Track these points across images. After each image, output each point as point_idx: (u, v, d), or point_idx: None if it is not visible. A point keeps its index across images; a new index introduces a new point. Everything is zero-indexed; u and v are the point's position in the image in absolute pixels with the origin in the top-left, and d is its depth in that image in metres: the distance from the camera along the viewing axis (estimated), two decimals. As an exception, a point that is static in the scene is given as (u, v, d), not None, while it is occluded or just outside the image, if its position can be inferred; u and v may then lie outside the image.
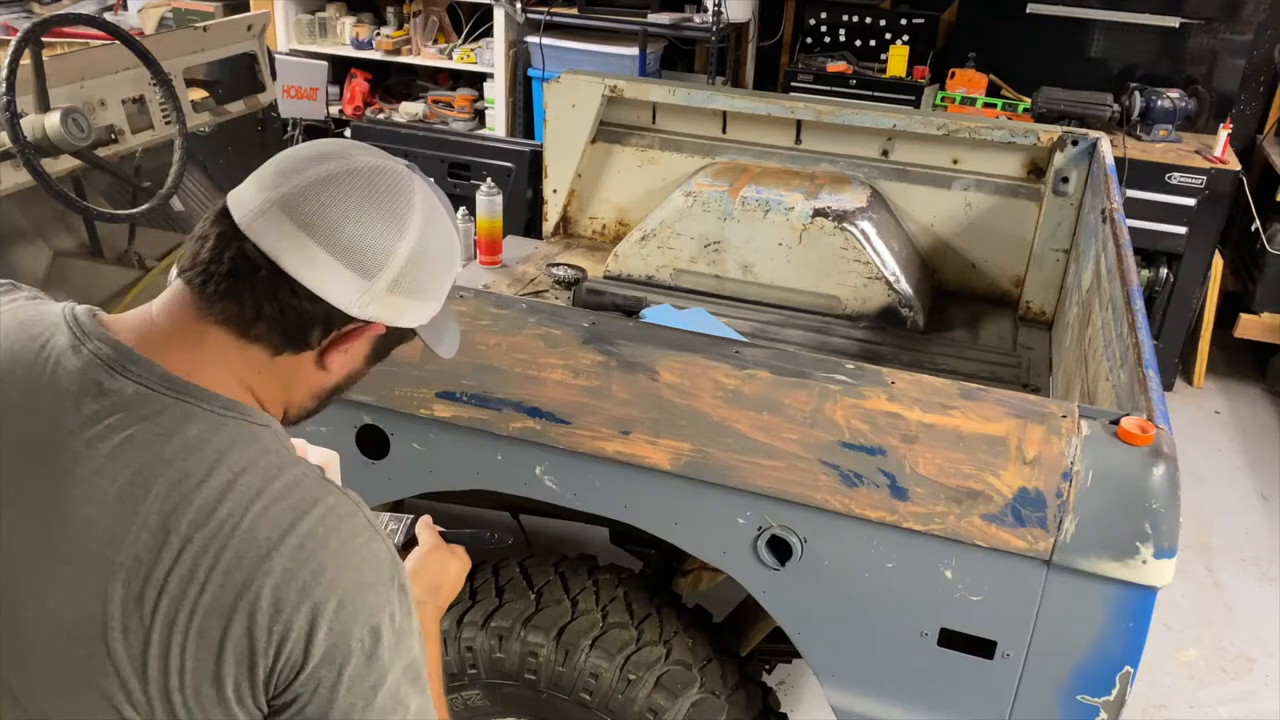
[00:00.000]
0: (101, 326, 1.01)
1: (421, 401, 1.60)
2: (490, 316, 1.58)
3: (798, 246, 2.76)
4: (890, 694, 1.52)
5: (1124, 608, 1.33)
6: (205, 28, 3.21)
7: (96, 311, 1.04)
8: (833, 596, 1.48)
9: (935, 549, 1.39)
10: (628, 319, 2.43)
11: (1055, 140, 2.75)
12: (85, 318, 1.02)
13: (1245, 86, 4.60)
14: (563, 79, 3.13)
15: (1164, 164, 4.05)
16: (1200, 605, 3.23)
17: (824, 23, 4.90)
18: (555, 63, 4.74)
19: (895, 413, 1.39)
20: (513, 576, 1.84)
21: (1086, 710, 1.40)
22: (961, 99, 4.48)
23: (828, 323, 2.77)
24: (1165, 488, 1.27)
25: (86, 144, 2.44)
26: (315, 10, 5.43)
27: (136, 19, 5.40)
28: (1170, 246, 4.15)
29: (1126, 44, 4.51)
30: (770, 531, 1.48)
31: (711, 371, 1.47)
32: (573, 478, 1.58)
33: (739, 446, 1.44)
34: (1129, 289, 1.72)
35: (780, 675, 2.73)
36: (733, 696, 1.75)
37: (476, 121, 5.32)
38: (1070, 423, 1.34)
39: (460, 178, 3.69)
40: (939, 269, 3.03)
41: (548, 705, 1.74)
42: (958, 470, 1.35)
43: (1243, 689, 2.92)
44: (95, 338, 0.99)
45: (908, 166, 2.97)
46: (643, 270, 2.94)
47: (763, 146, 3.08)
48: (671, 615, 1.81)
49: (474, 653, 1.75)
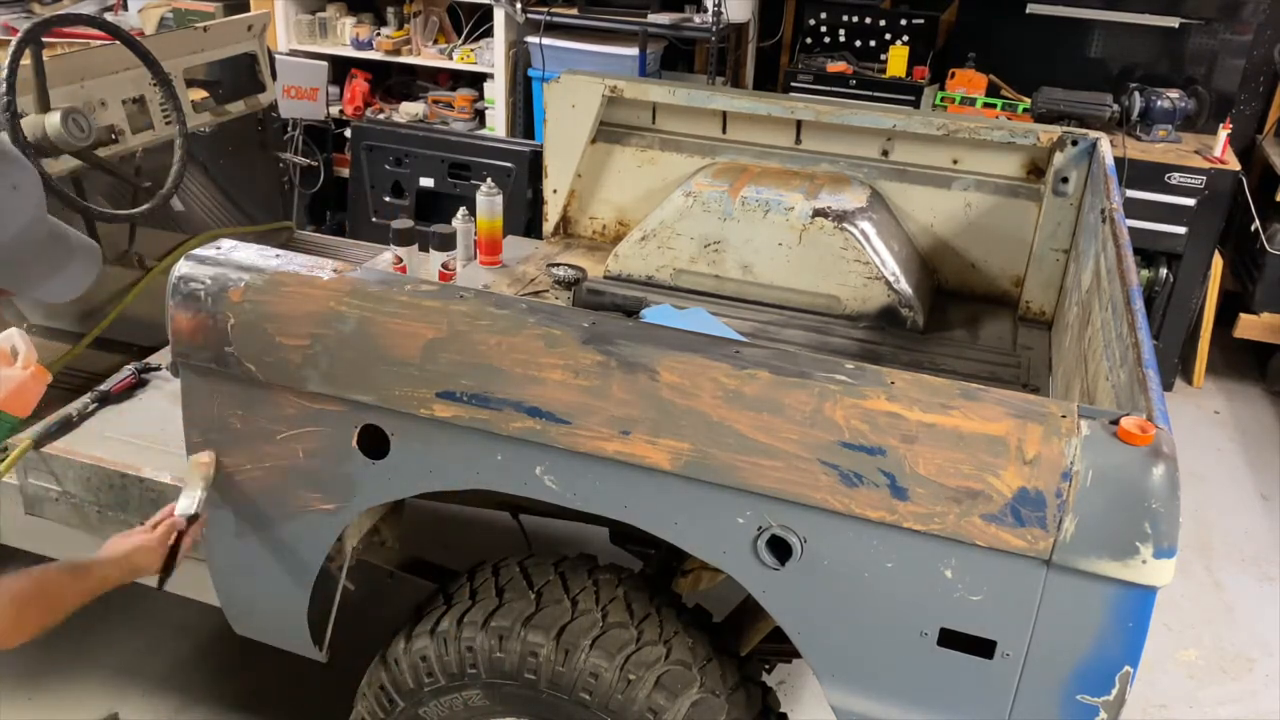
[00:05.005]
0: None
1: (421, 401, 1.60)
2: (490, 316, 1.58)
3: (798, 246, 2.76)
4: (890, 694, 1.52)
5: (1124, 608, 1.33)
6: (205, 28, 3.20)
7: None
8: (832, 596, 1.49)
9: (935, 549, 1.39)
10: (628, 319, 2.43)
11: (1055, 140, 2.75)
12: None
13: (1245, 86, 4.60)
14: (563, 79, 3.13)
15: (1164, 164, 4.05)
16: (1200, 605, 3.23)
17: (824, 23, 4.90)
18: (555, 63, 4.74)
19: (895, 413, 1.39)
20: (513, 576, 1.85)
21: (1086, 710, 1.40)
22: (961, 99, 4.49)
23: (828, 323, 2.77)
24: (1165, 488, 1.27)
25: (87, 144, 2.44)
26: (315, 10, 5.43)
27: (137, 19, 5.40)
28: (1170, 246, 4.15)
29: (1126, 44, 4.52)
30: (770, 531, 1.48)
31: (711, 371, 1.47)
32: (573, 478, 1.58)
33: (739, 446, 1.44)
34: (1129, 289, 1.72)
35: (780, 675, 2.73)
36: (733, 696, 1.75)
37: (476, 122, 5.32)
38: (1070, 423, 1.34)
39: (460, 178, 3.70)
40: (939, 269, 3.03)
41: (548, 705, 1.74)
42: (957, 470, 1.35)
43: (1243, 689, 2.92)
44: None
45: (907, 166, 2.97)
46: (643, 270, 2.94)
47: (763, 146, 3.08)
48: (671, 615, 1.81)
49: (474, 653, 1.75)
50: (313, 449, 1.72)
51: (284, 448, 1.75)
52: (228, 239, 1.79)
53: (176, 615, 2.88)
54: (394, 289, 1.64)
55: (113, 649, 2.79)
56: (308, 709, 2.60)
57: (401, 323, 1.60)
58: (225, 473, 1.81)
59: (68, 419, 2.33)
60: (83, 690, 2.66)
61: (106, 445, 2.27)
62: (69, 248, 1.56)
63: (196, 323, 1.71)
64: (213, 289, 1.69)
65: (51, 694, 2.65)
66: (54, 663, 2.73)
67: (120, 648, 2.80)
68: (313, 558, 1.83)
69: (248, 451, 1.78)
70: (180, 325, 1.73)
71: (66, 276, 1.53)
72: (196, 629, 2.86)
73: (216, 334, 1.70)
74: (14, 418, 1.71)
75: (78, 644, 2.79)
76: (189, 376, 1.78)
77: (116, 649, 2.79)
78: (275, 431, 1.74)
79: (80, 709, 2.60)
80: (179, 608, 2.33)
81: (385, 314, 1.61)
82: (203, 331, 1.71)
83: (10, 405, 1.69)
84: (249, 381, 1.71)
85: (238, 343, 1.69)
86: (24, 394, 1.71)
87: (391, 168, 3.81)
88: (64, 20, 2.66)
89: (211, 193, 3.40)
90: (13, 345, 1.74)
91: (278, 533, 1.83)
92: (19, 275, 1.46)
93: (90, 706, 2.60)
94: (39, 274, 1.50)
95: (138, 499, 2.15)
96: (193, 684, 2.71)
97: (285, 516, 1.81)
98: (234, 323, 1.68)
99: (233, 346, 1.69)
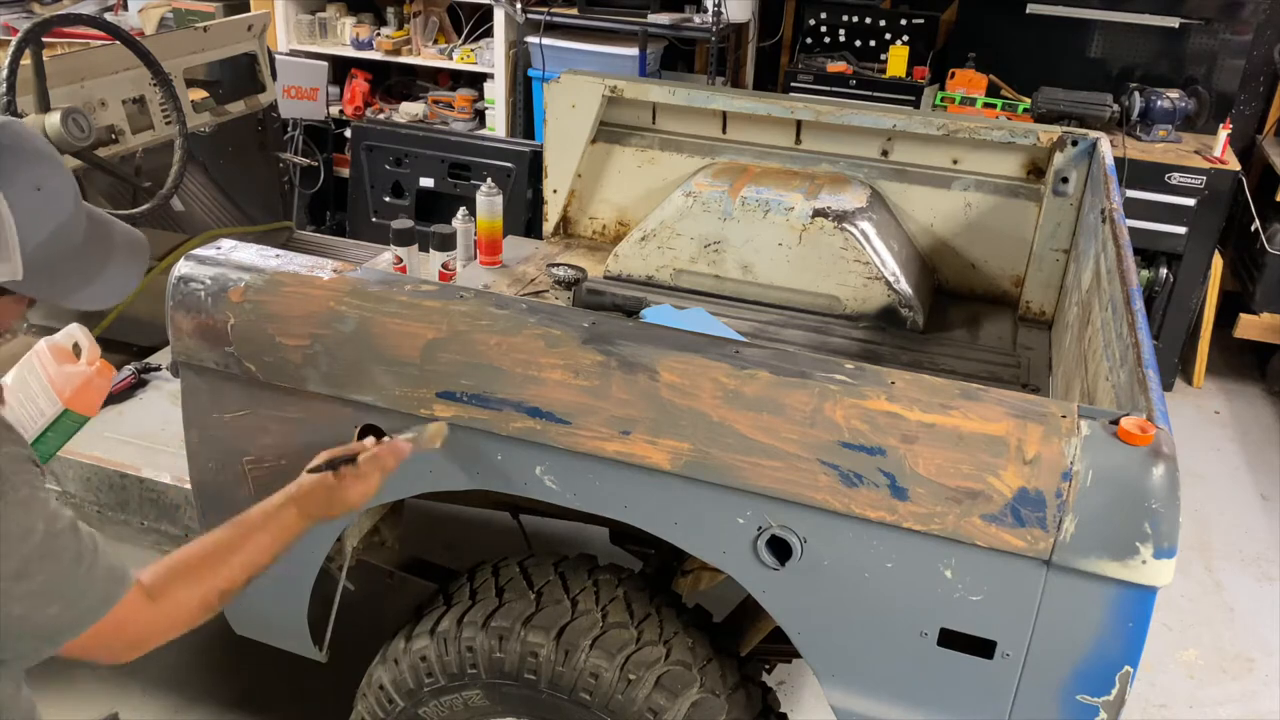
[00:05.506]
0: None
1: (421, 401, 1.60)
2: (490, 316, 1.58)
3: (798, 246, 2.76)
4: (890, 694, 1.52)
5: (1124, 608, 1.33)
6: (205, 28, 3.21)
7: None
8: (832, 596, 1.49)
9: (935, 549, 1.39)
10: (628, 319, 2.43)
11: (1055, 140, 2.75)
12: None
13: (1245, 86, 4.60)
14: (563, 79, 3.13)
15: (1164, 164, 4.05)
16: (1200, 605, 3.23)
17: (824, 23, 4.90)
18: (555, 63, 4.74)
19: (895, 413, 1.39)
20: (513, 576, 1.85)
21: (1086, 710, 1.40)
22: (961, 99, 4.49)
23: (828, 323, 2.77)
24: (1165, 487, 1.27)
25: (87, 144, 2.44)
26: (315, 10, 5.43)
27: (137, 19, 5.40)
28: (1170, 246, 4.15)
29: (1126, 44, 4.52)
30: (770, 531, 1.48)
31: (711, 371, 1.47)
32: (573, 478, 1.58)
33: (739, 446, 1.44)
34: (1129, 289, 1.72)
35: (780, 675, 2.73)
36: (733, 696, 1.75)
37: (477, 122, 5.32)
38: (1070, 423, 1.34)
39: (460, 178, 3.70)
40: (939, 269, 3.03)
41: (548, 705, 1.74)
42: (957, 470, 1.35)
43: (1243, 689, 2.92)
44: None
45: (907, 166, 2.97)
46: (643, 270, 2.94)
47: (763, 146, 3.08)
48: (671, 615, 1.81)
49: (474, 653, 1.75)
50: (313, 449, 1.72)
51: (284, 448, 1.75)
52: (228, 239, 1.79)
53: (176, 615, 2.87)
54: (394, 289, 1.64)
55: (113, 649, 2.79)
56: (308, 709, 2.60)
57: (401, 323, 1.60)
58: (225, 473, 1.81)
59: (68, 419, 2.33)
60: (83, 690, 2.66)
61: (106, 445, 2.27)
62: (110, 247, 1.38)
63: (196, 323, 1.71)
64: (213, 289, 1.69)
65: (51, 694, 2.65)
66: (54, 662, 2.72)
67: (120, 648, 2.80)
68: (313, 558, 1.83)
69: (248, 451, 1.78)
70: (180, 325, 1.73)
71: (108, 280, 1.35)
72: (196, 629, 2.85)
73: (216, 334, 1.70)
74: (83, 416, 1.61)
75: (78, 644, 2.79)
76: (189, 376, 1.78)
77: (116, 649, 2.79)
78: (275, 431, 1.74)
79: (80, 709, 2.60)
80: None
81: (385, 314, 1.61)
82: (203, 331, 1.71)
83: (78, 404, 1.59)
84: (249, 381, 1.71)
85: (238, 343, 1.69)
86: (91, 391, 1.60)
87: (391, 168, 3.81)
88: (64, 20, 2.66)
89: (211, 193, 3.41)
90: (75, 342, 1.64)
91: (278, 533, 1.83)
92: (51, 284, 1.29)
93: (90, 706, 2.60)
94: (75, 283, 1.33)
95: (138, 499, 2.15)
96: (192, 683, 2.71)
97: (285, 516, 1.80)
98: (234, 323, 1.68)
99: (233, 346, 1.69)
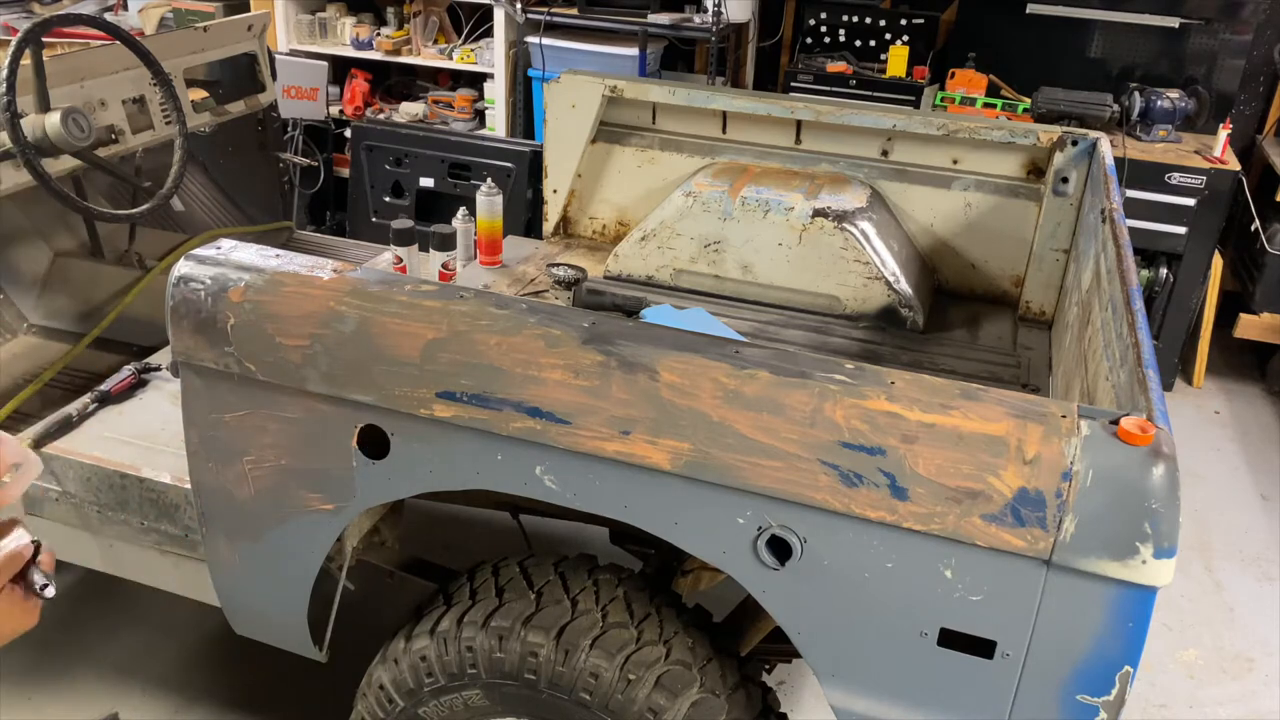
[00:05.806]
0: None
1: (421, 401, 1.60)
2: (490, 316, 1.58)
3: (797, 246, 2.76)
4: (890, 694, 1.52)
5: (1124, 608, 1.33)
6: (205, 28, 3.21)
7: None
8: (832, 596, 1.49)
9: (935, 549, 1.39)
10: (628, 319, 2.43)
11: (1055, 140, 2.75)
12: None
13: (1245, 86, 4.61)
14: (563, 79, 3.13)
15: (1164, 164, 4.05)
16: (1200, 605, 3.23)
17: (824, 23, 4.90)
18: (555, 63, 4.74)
19: (895, 413, 1.39)
20: (513, 576, 1.85)
21: (1086, 710, 1.40)
22: (961, 99, 4.49)
23: (828, 323, 2.77)
24: (1165, 487, 1.27)
25: (87, 144, 2.44)
26: (315, 10, 5.43)
27: (137, 19, 5.40)
28: (1170, 246, 4.16)
29: (1126, 44, 4.52)
30: (770, 531, 1.48)
31: (711, 371, 1.47)
32: (573, 478, 1.58)
33: (739, 446, 1.44)
34: (1129, 289, 1.72)
35: (780, 675, 2.73)
36: (733, 696, 1.75)
37: (477, 122, 5.32)
38: (1070, 423, 1.34)
39: (460, 178, 3.70)
40: (939, 269, 3.03)
41: (548, 705, 1.74)
42: (957, 470, 1.35)
43: (1243, 689, 2.92)
44: None
45: (907, 166, 2.97)
46: (643, 270, 2.94)
47: (763, 146, 3.08)
48: (671, 615, 1.81)
49: (474, 653, 1.75)
50: (313, 449, 1.72)
51: (284, 448, 1.75)
52: (228, 239, 1.79)
53: (176, 615, 2.88)
54: (394, 289, 1.64)
55: (112, 648, 2.80)
56: (308, 709, 2.60)
57: (401, 323, 1.60)
58: (225, 473, 1.81)
59: (68, 419, 2.34)
60: (83, 690, 2.66)
61: (106, 445, 2.27)
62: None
63: (196, 323, 1.71)
64: (213, 289, 1.69)
65: (51, 694, 2.65)
66: (54, 662, 2.73)
67: (120, 647, 2.80)
68: (313, 558, 1.83)
69: (248, 451, 1.78)
70: (180, 325, 1.73)
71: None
72: (196, 629, 2.86)
73: (216, 334, 1.70)
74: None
75: (77, 644, 2.80)
76: (189, 376, 1.78)
77: (116, 648, 2.80)
78: (275, 431, 1.74)
79: (80, 709, 2.60)
80: (179, 607, 2.34)
81: (385, 314, 1.61)
82: (203, 331, 1.71)
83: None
84: (249, 381, 1.71)
85: (238, 343, 1.69)
86: None
87: (391, 168, 3.81)
88: (64, 20, 2.66)
89: (211, 193, 3.41)
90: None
91: (278, 533, 1.83)
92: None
93: (90, 706, 2.61)
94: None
95: (137, 499, 2.15)
96: (192, 683, 2.71)
97: (285, 516, 1.81)
98: (234, 323, 1.68)
99: (233, 346, 1.69)
